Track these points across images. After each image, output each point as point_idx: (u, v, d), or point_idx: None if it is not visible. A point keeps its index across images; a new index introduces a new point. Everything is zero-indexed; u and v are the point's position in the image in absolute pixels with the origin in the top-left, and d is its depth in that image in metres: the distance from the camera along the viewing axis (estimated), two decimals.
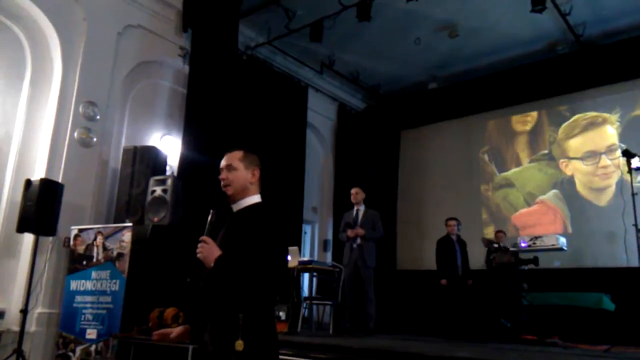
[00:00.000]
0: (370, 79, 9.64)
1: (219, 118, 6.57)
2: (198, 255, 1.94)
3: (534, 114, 8.81)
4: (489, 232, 8.48)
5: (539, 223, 8.24)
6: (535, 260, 6.29)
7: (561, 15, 7.06)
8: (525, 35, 7.88)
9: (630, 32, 7.56)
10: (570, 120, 8.37)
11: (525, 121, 8.89)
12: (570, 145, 8.28)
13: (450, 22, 7.66)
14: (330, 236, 9.37)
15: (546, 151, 8.51)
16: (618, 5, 7.15)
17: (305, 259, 6.92)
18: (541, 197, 8.37)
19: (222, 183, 2.12)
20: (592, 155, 8.01)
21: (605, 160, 7.84)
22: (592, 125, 8.14)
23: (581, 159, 8.11)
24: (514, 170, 8.81)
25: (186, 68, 6.76)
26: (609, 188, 7.74)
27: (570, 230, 7.96)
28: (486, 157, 9.10)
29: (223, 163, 2.15)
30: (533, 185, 8.53)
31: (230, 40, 6.96)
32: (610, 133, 7.93)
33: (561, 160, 8.30)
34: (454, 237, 6.92)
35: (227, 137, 6.49)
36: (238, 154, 2.16)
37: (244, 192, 2.12)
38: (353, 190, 6.47)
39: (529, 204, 8.51)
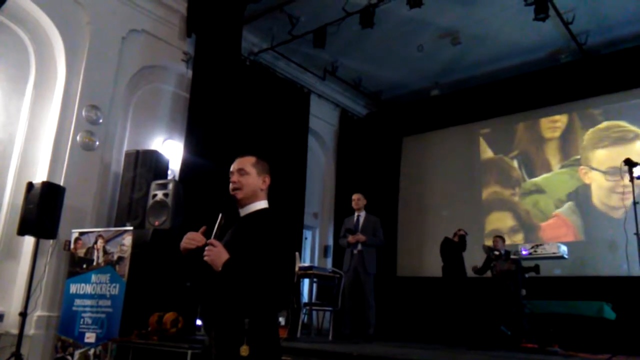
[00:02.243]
0: (372, 85, 9.66)
1: (221, 123, 6.58)
2: (205, 258, 1.92)
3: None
4: (518, 240, 8.29)
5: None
6: (536, 268, 6.27)
7: (564, 23, 7.07)
8: (528, 44, 7.89)
9: (633, 40, 7.57)
10: (597, 127, 8.10)
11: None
12: (595, 155, 7.99)
13: (453, 30, 7.68)
14: (330, 242, 9.35)
15: (578, 156, 8.23)
16: (620, 14, 7.16)
17: (306, 264, 6.93)
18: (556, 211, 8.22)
19: (231, 186, 2.12)
20: (615, 171, 7.33)
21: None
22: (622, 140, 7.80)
23: (604, 172, 7.80)
24: (543, 176, 8.53)
25: (189, 73, 6.78)
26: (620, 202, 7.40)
27: (582, 237, 7.84)
28: (515, 163, 8.85)
29: (235, 167, 2.15)
30: (562, 191, 8.25)
31: (234, 46, 6.99)
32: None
33: (581, 168, 8.10)
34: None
35: (229, 142, 6.49)
36: (251, 159, 2.17)
37: (253, 197, 2.13)
38: (354, 197, 6.46)
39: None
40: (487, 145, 9.28)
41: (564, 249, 6.20)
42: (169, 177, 5.93)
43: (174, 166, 6.35)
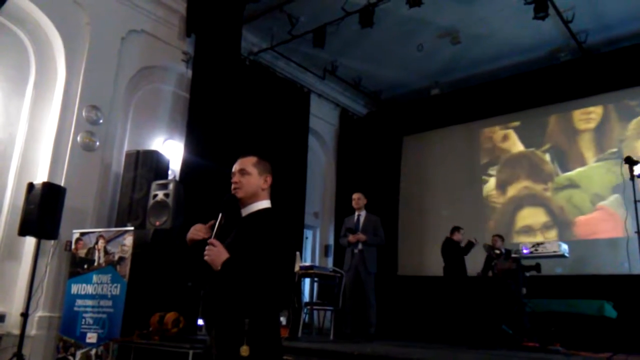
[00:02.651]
0: (372, 85, 9.66)
1: (221, 123, 6.58)
2: (205, 258, 1.93)
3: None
4: (552, 236, 8.06)
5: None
6: (537, 267, 6.27)
7: (563, 22, 7.07)
8: (528, 42, 7.89)
9: (633, 39, 7.56)
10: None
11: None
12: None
13: (453, 29, 7.68)
14: (331, 241, 9.36)
15: (615, 149, 7.95)
16: (620, 12, 7.16)
17: (307, 264, 6.92)
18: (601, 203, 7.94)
19: (233, 186, 2.13)
20: None
21: None
22: None
23: None
24: (577, 170, 8.24)
25: (189, 73, 6.78)
26: None
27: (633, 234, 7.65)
28: (548, 156, 8.60)
29: (236, 167, 2.16)
30: (599, 186, 7.96)
31: (234, 46, 6.99)
32: None
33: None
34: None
35: (229, 142, 6.50)
36: (252, 159, 2.18)
37: (254, 197, 2.13)
38: (355, 196, 6.45)
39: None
40: (517, 139, 9.03)
41: (564, 247, 6.19)
42: (170, 177, 5.93)
43: (175, 166, 6.35)
